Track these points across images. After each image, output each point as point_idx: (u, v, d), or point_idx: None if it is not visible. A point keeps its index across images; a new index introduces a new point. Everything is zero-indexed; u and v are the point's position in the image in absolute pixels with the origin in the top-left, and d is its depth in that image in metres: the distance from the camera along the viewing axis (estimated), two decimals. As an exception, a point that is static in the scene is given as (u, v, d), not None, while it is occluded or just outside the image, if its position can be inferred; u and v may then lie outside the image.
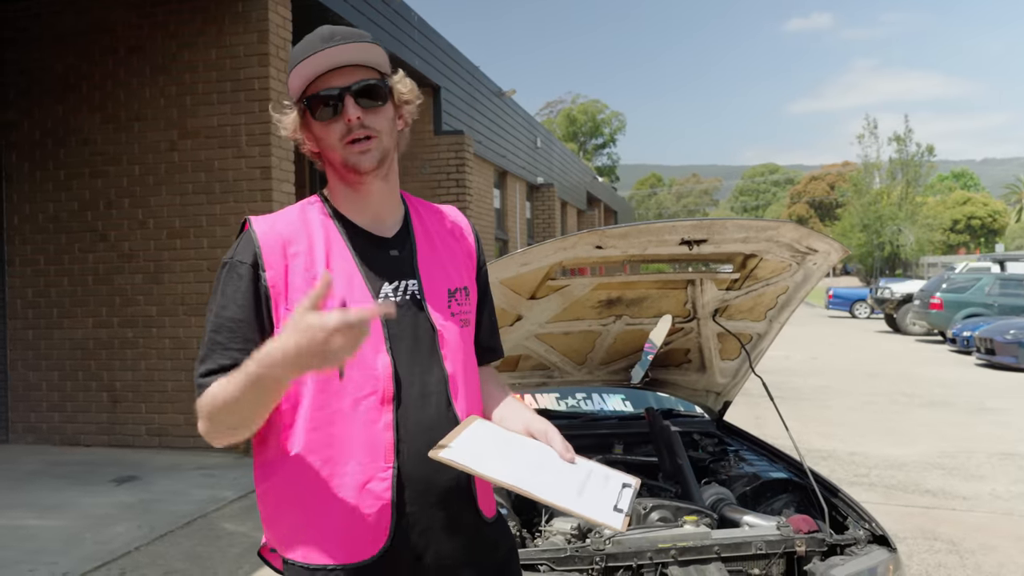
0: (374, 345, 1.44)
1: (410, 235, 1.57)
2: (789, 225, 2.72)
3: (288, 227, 1.49)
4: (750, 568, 2.52)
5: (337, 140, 1.45)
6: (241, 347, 1.39)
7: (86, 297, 7.07)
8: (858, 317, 26.18)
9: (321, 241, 1.49)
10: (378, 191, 1.52)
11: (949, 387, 10.95)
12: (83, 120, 7.05)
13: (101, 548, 4.45)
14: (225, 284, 1.45)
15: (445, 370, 1.50)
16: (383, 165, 1.49)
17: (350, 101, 1.43)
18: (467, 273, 1.63)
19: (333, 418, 1.43)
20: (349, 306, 1.42)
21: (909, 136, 39.58)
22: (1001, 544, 4.60)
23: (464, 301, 1.59)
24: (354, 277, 1.47)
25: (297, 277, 1.44)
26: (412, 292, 1.51)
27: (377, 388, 1.44)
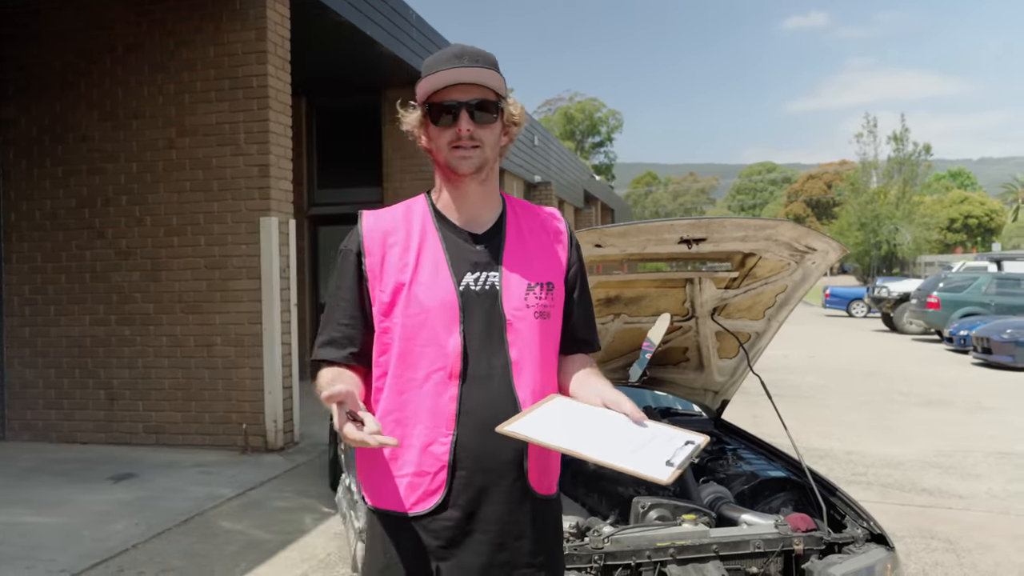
0: (448, 327, 1.65)
1: (501, 232, 1.74)
2: (787, 224, 2.73)
3: (391, 221, 1.74)
4: (748, 566, 2.53)
5: (446, 144, 1.66)
6: (348, 322, 1.71)
7: (83, 294, 7.06)
8: (855, 316, 26.20)
9: (417, 233, 1.71)
10: (474, 192, 1.72)
11: (946, 386, 10.96)
12: (81, 117, 7.04)
13: (99, 545, 4.44)
14: (340, 268, 1.75)
15: (509, 355, 1.66)
16: (481, 171, 1.69)
17: (464, 115, 1.65)
18: (555, 271, 1.76)
19: (409, 386, 1.66)
20: (433, 289, 1.66)
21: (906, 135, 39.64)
22: (998, 543, 4.61)
23: (544, 295, 1.72)
24: (440, 266, 1.68)
25: (391, 263, 1.69)
26: (492, 283, 1.68)
27: (446, 365, 1.64)
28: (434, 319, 1.65)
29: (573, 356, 1.82)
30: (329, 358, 1.71)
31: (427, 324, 1.65)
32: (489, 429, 1.56)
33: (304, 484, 5.74)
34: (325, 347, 1.72)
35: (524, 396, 1.66)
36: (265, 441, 6.63)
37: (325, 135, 11.19)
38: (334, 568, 4.14)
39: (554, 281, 1.74)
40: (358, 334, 1.72)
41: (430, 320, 1.65)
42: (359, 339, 1.72)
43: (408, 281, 1.67)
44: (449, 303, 1.65)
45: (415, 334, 1.66)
